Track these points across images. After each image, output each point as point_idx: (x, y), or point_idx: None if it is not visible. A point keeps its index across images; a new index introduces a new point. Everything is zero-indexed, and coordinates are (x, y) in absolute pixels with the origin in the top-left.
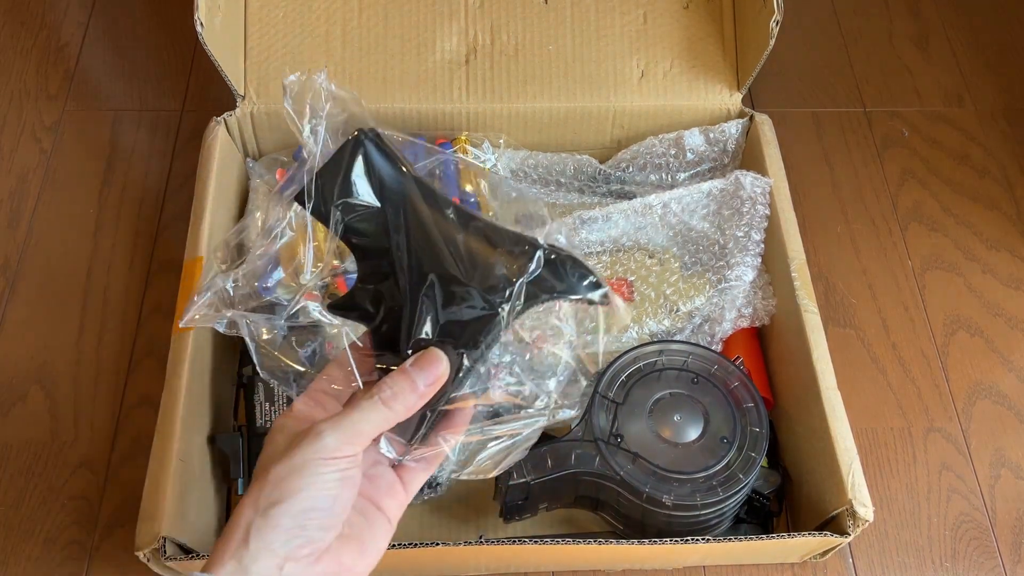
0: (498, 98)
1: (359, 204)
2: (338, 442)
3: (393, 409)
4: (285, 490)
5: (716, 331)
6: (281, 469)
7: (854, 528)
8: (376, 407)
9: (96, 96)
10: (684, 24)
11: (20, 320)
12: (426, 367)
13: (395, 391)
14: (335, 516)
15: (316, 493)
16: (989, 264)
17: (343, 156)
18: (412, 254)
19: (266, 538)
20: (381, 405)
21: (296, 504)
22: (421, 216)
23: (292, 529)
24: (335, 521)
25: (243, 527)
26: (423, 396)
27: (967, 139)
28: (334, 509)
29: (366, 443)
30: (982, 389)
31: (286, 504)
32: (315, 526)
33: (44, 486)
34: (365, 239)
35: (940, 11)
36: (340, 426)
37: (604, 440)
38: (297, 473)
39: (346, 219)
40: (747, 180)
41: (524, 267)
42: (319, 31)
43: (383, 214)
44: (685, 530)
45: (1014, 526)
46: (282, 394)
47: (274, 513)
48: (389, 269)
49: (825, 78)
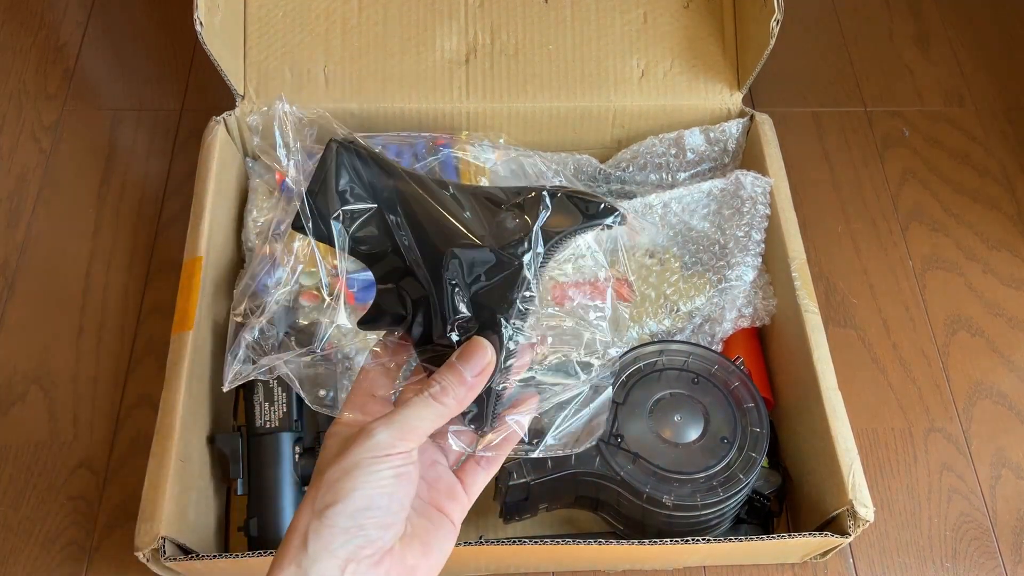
0: (498, 98)
1: (356, 211)
2: (391, 438)
3: (445, 404)
4: (340, 490)
5: (716, 331)
6: (335, 471)
7: (855, 528)
8: (428, 403)
9: (95, 96)
10: (684, 24)
11: (19, 320)
12: (471, 357)
13: (444, 385)
14: (393, 514)
15: (371, 491)
16: (990, 264)
17: (325, 169)
18: (421, 242)
19: (324, 539)
20: (432, 401)
21: (352, 503)
22: (420, 203)
23: (350, 529)
24: (394, 519)
25: (301, 532)
26: (473, 387)
27: (968, 139)
28: (391, 507)
29: (420, 439)
30: (983, 389)
31: (342, 504)
32: (373, 525)
33: (43, 486)
34: (372, 245)
35: (941, 11)
36: (392, 423)
37: (604, 440)
38: (351, 473)
39: (348, 230)
40: (747, 180)
41: (534, 213)
42: (319, 31)
43: (381, 214)
44: (685, 530)
45: (1015, 526)
46: (282, 394)
47: (330, 514)
48: (403, 265)
49: (826, 78)
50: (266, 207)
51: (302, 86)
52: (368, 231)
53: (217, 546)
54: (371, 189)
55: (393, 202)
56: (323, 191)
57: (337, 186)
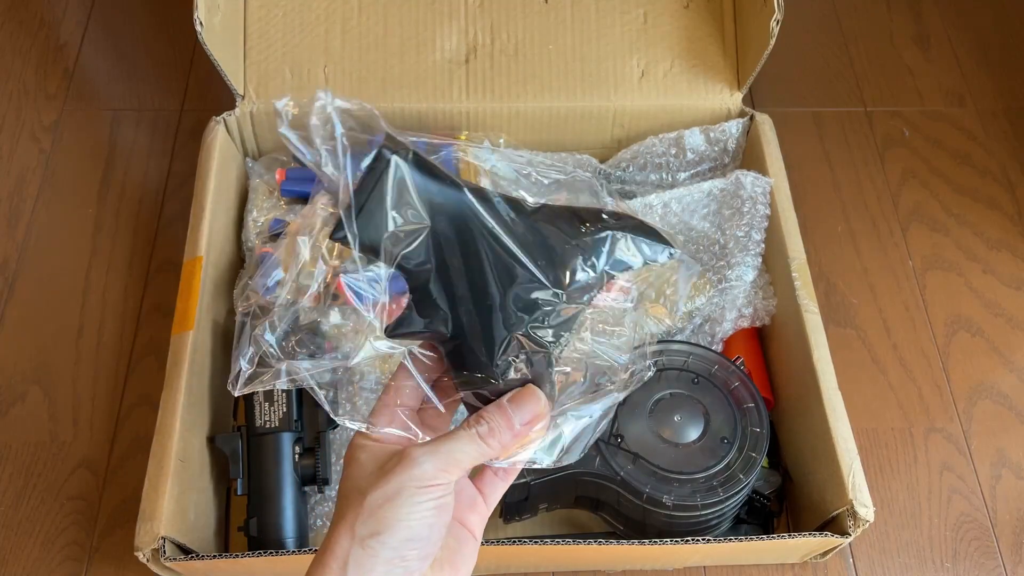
0: (498, 98)
1: (409, 231)
2: (435, 469)
3: (490, 445)
4: (384, 520)
5: (716, 331)
6: (377, 497)
7: (855, 528)
8: (474, 440)
9: (95, 96)
10: (684, 24)
11: (19, 320)
12: (524, 405)
13: (492, 428)
14: (432, 545)
15: (414, 523)
16: (990, 264)
17: (376, 179)
18: (475, 270)
19: (365, 569)
20: (479, 440)
21: (397, 535)
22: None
23: (392, 560)
24: (432, 550)
25: (340, 557)
26: (519, 435)
27: (968, 139)
28: (432, 538)
29: (462, 473)
30: (983, 389)
31: (386, 535)
32: (414, 556)
33: (43, 486)
34: (420, 262)
35: (941, 11)
36: (438, 453)
37: (604, 440)
38: (394, 502)
39: (398, 249)
40: (747, 180)
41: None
42: (319, 31)
43: (436, 233)
44: (685, 530)
45: (1015, 526)
46: (282, 394)
47: (373, 544)
48: (451, 285)
49: (826, 78)
50: (266, 207)
51: (302, 86)
52: (419, 249)
53: (217, 546)
54: (426, 205)
55: (450, 223)
56: (374, 203)
57: (390, 201)
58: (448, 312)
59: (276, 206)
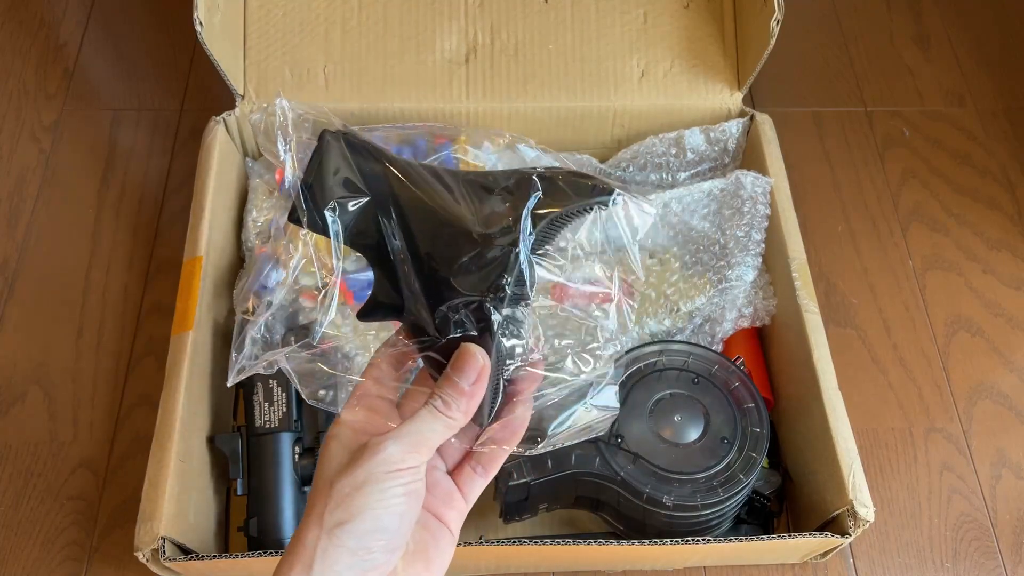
0: (498, 98)
1: (349, 202)
2: (402, 452)
3: (451, 416)
4: (352, 508)
5: (716, 331)
6: (345, 485)
7: (855, 528)
8: (434, 415)
9: (95, 95)
10: (684, 24)
11: (19, 320)
12: (464, 367)
13: (445, 399)
14: (401, 536)
15: (381, 512)
16: (990, 264)
17: (317, 160)
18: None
19: (330, 560)
20: (438, 413)
21: (363, 523)
22: (407, 191)
23: (358, 552)
24: (400, 542)
25: (309, 547)
26: (473, 395)
27: (968, 139)
28: (401, 529)
29: (429, 453)
30: (983, 389)
31: (353, 523)
32: (381, 548)
33: (43, 486)
34: (368, 235)
35: (941, 11)
36: (402, 436)
37: (604, 441)
38: (363, 489)
39: (343, 220)
40: (748, 180)
41: (524, 196)
42: (319, 31)
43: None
44: (686, 531)
45: (1015, 526)
46: (281, 395)
47: (339, 533)
48: (396, 255)
49: (826, 78)
50: (266, 207)
51: (302, 86)
52: (363, 222)
53: (217, 546)
54: (365, 179)
55: (384, 191)
56: (317, 182)
57: (330, 177)
58: (394, 284)
59: (276, 206)
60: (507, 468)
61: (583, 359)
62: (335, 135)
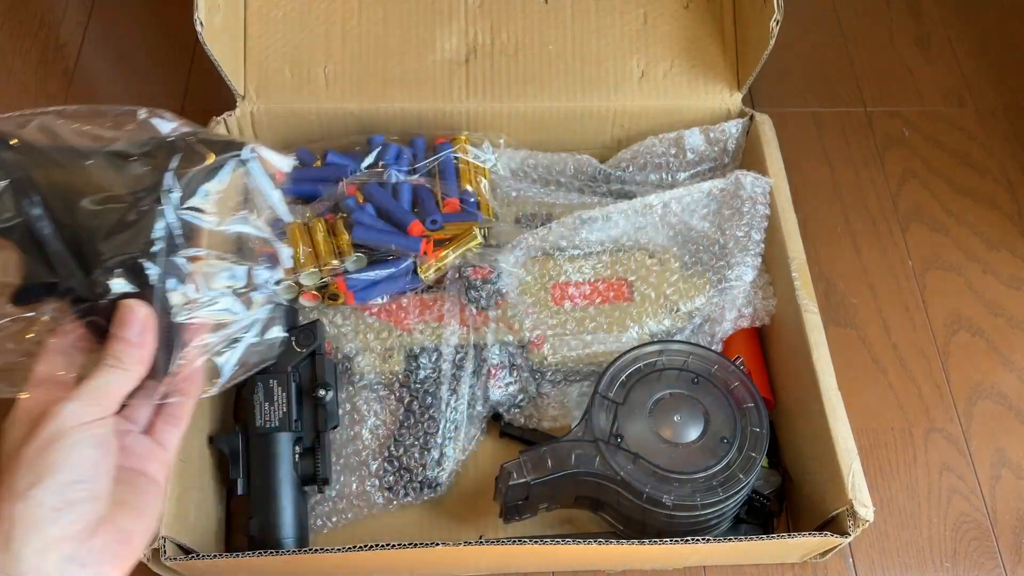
0: (498, 98)
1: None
2: (81, 407)
3: (127, 366)
4: (42, 469)
5: (716, 331)
6: (30, 451)
7: (854, 528)
8: (108, 369)
9: (95, 96)
10: (684, 24)
11: None
12: (125, 319)
13: (116, 353)
14: (100, 484)
15: (75, 464)
16: (990, 264)
17: None
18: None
19: (31, 520)
20: (112, 367)
21: (58, 478)
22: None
23: (58, 507)
24: (102, 490)
25: (4, 518)
26: (143, 344)
27: (968, 139)
28: (99, 477)
29: (113, 405)
30: (983, 389)
31: (47, 481)
32: (82, 499)
33: None
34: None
35: (941, 11)
36: (81, 394)
37: (604, 440)
38: (48, 449)
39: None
40: (747, 180)
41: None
42: (319, 31)
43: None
44: (685, 530)
45: (1015, 527)
46: (281, 394)
47: (35, 493)
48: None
49: (826, 78)
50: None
51: (302, 86)
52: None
53: (217, 546)
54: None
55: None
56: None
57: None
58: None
59: None
60: (507, 468)
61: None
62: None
